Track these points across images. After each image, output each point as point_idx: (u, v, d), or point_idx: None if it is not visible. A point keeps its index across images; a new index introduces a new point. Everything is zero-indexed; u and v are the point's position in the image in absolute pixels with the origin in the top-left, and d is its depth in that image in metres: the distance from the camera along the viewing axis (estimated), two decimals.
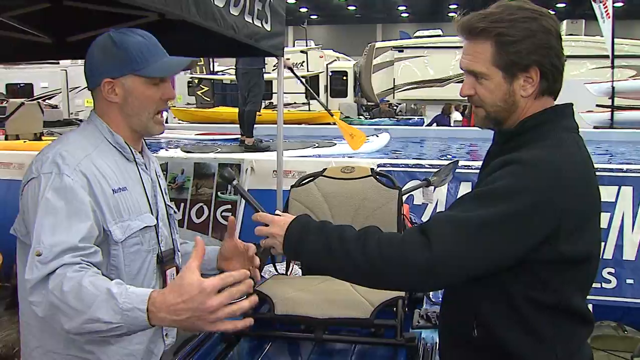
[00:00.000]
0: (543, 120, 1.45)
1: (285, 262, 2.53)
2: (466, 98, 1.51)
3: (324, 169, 2.53)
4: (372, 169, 2.52)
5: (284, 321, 2.01)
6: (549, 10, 1.47)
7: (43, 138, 8.52)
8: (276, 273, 2.46)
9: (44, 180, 1.55)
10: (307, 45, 19.71)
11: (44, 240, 1.47)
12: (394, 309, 1.96)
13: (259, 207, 1.63)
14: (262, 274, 2.50)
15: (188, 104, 19.50)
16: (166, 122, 1.95)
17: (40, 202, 1.52)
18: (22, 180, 1.66)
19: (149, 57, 1.69)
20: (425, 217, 4.47)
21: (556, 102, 1.51)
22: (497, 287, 1.40)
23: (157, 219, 1.79)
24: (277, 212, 1.57)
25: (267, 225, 1.52)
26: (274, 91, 18.30)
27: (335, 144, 9.36)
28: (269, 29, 3.33)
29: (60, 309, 1.41)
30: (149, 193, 1.78)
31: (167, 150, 8.47)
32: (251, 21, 3.04)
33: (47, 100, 17.62)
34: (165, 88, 1.75)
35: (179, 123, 15.28)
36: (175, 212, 1.97)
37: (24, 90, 20.22)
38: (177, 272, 1.84)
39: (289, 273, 2.50)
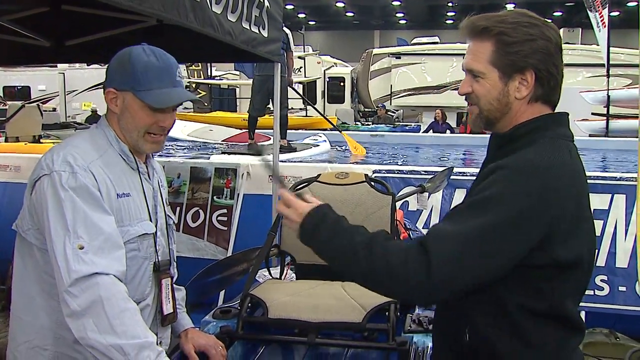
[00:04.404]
0: (536, 127, 1.46)
1: (279, 267, 2.54)
2: (464, 97, 1.52)
3: (319, 175, 2.55)
4: (366, 175, 2.54)
5: (278, 325, 2.03)
6: (543, 17, 1.49)
7: (42, 141, 8.55)
8: (270, 277, 2.47)
9: (57, 177, 1.57)
10: (304, 51, 19.72)
11: (82, 234, 1.54)
12: (387, 313, 1.98)
13: (283, 182, 1.62)
14: (257, 277, 2.52)
15: (185, 108, 19.50)
16: None
17: (62, 198, 1.55)
18: (29, 179, 1.67)
19: (153, 81, 1.68)
20: (419, 223, 4.49)
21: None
22: (488, 293, 1.41)
23: (156, 227, 1.82)
24: (306, 196, 1.53)
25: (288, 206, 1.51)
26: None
27: (311, 146, 9.73)
28: (266, 35, 3.35)
29: (98, 315, 1.48)
30: (149, 202, 1.81)
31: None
32: (248, 27, 3.06)
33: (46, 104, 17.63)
34: (162, 117, 1.73)
35: None
36: (174, 222, 1.98)
37: (22, 93, 20.21)
38: (172, 282, 1.87)
39: (282, 277, 2.52)
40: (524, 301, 1.40)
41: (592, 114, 13.65)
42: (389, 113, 19.08)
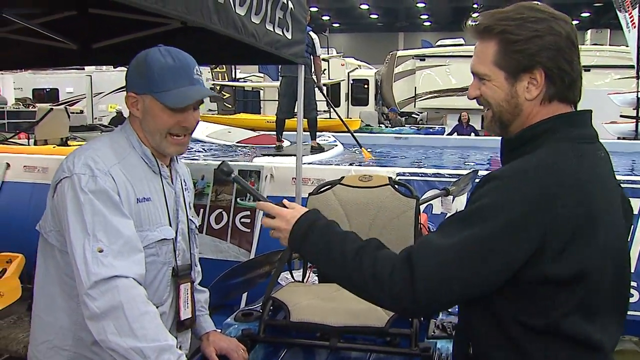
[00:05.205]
0: (544, 129, 1.35)
1: (302, 270, 2.53)
2: (475, 101, 1.47)
3: (342, 177, 2.53)
4: (390, 178, 2.51)
5: (300, 328, 2.01)
6: (570, 18, 1.40)
7: (69, 143, 8.70)
8: (292, 280, 2.46)
9: (77, 180, 1.58)
10: (328, 53, 19.73)
11: (101, 238, 1.55)
12: (410, 318, 1.96)
13: (262, 197, 1.60)
14: (279, 280, 2.51)
15: (210, 110, 19.68)
16: None
17: (82, 201, 1.56)
18: (52, 181, 1.68)
19: (170, 82, 1.66)
20: None
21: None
22: (485, 307, 1.35)
23: (176, 232, 1.81)
24: (284, 202, 1.52)
25: (273, 217, 1.48)
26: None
27: (333, 147, 9.90)
28: (289, 37, 3.35)
29: (118, 318, 1.49)
30: (170, 207, 1.80)
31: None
32: (272, 29, 3.06)
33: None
34: (183, 117, 1.72)
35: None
36: (196, 226, 1.97)
37: (50, 95, 20.65)
38: (192, 287, 1.87)
39: (305, 280, 2.51)
40: (520, 316, 1.31)
41: (621, 116, 13.41)
42: (413, 115, 18.99)
